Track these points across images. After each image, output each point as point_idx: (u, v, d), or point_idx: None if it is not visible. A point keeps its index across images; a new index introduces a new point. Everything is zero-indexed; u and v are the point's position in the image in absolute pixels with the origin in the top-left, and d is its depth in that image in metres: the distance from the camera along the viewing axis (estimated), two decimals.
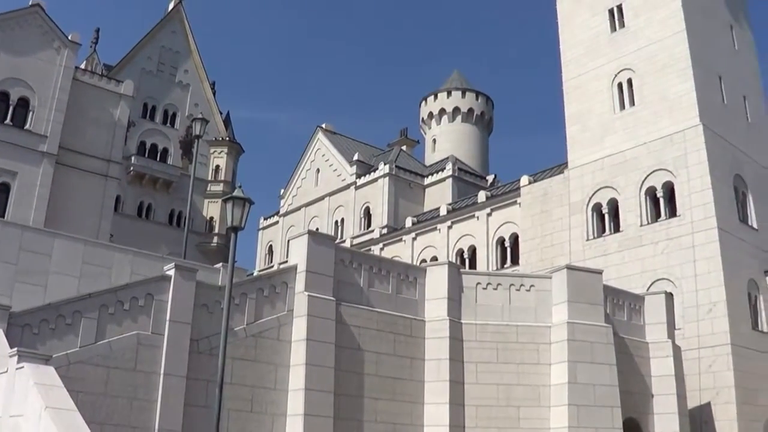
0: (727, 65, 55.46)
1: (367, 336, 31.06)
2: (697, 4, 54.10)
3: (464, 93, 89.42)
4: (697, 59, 51.52)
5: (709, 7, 55.77)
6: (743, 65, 58.12)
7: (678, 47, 51.87)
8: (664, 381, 38.26)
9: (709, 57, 53.28)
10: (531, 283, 35.36)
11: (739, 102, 55.61)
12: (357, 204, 75.26)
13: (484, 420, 32.58)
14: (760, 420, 46.07)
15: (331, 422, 28.62)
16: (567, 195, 54.66)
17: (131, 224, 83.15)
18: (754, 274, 49.51)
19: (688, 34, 51.74)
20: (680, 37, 51.96)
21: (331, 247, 31.40)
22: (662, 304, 39.85)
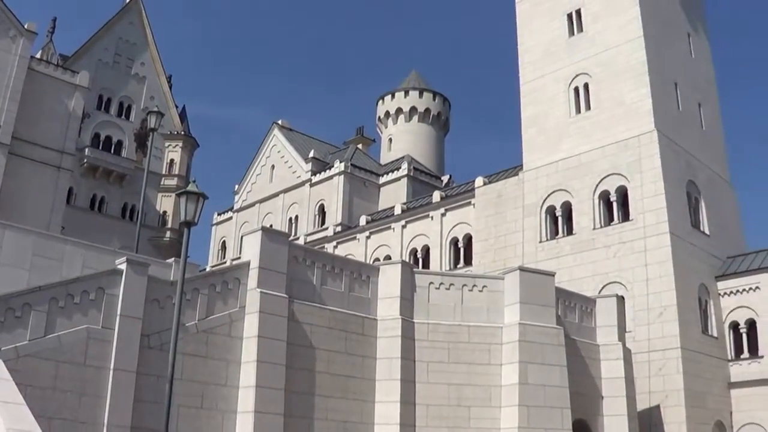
0: (684, 72, 55.97)
1: (319, 334, 31.04)
2: (656, 11, 54.53)
3: (421, 93, 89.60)
4: (653, 66, 51.95)
5: (668, 15, 56.24)
6: (699, 73, 58.67)
7: (635, 53, 52.24)
8: (614, 383, 38.56)
9: (665, 64, 53.73)
10: (483, 284, 35.50)
11: (694, 109, 56.13)
12: (311, 201, 75.10)
13: (435, 419, 32.67)
14: (709, 423, 46.57)
15: (281, 420, 28.58)
16: (521, 197, 54.87)
17: (83, 217, 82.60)
18: (705, 279, 50.02)
19: (645, 40, 52.13)
20: (638, 43, 52.34)
21: (285, 244, 31.35)
22: (613, 307, 40.18)
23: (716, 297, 50.79)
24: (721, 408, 48.19)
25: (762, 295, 49.75)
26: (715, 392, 47.90)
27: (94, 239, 39.82)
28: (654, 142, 49.35)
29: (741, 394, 49.14)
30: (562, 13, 57.34)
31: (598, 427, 37.73)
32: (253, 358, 28.62)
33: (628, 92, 51.67)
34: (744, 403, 48.82)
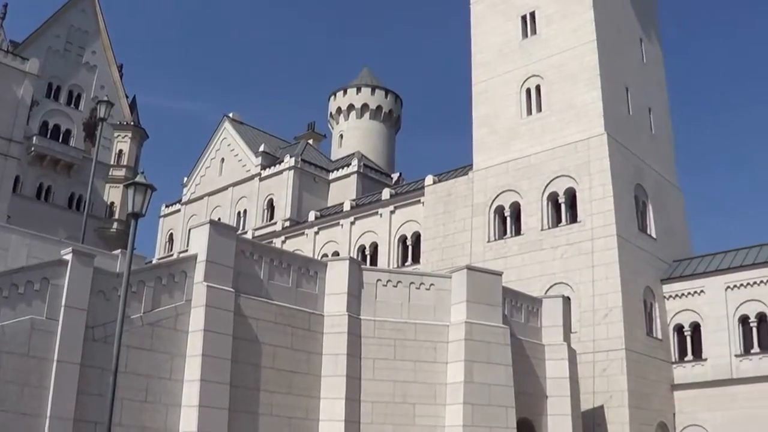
0: (635, 77, 56.42)
1: (265, 329, 30.96)
2: (609, 16, 54.92)
3: (374, 90, 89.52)
4: (605, 70, 52.31)
5: (621, 20, 56.66)
6: (650, 78, 59.18)
7: (587, 57, 52.58)
8: (558, 383, 38.89)
9: (617, 68, 54.13)
10: (431, 282, 35.60)
11: (644, 114, 56.61)
12: (261, 195, 74.76)
13: (380, 416, 32.71)
14: (652, 424, 47.05)
15: (226, 414, 28.45)
16: (470, 196, 55.01)
17: (29, 206, 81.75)
18: (651, 282, 50.49)
19: (598, 44, 52.49)
20: (590, 47, 52.68)
21: (233, 238, 31.20)
22: (559, 308, 40.50)
23: (661, 300, 51.30)
24: (664, 409, 48.70)
25: (706, 298, 50.32)
26: (658, 393, 48.40)
27: (40, 229, 39.45)
28: (603, 145, 49.69)
29: (684, 395, 49.70)
30: (516, 15, 57.52)
31: (542, 426, 38.03)
32: (198, 352, 28.47)
33: (580, 95, 51.99)
34: (687, 404, 49.39)
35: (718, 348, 49.44)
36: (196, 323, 28.99)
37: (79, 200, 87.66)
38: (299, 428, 31.27)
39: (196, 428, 27.53)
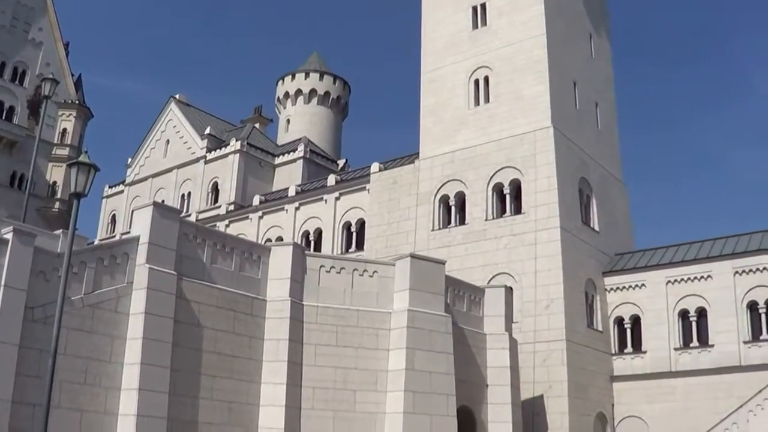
0: (583, 72, 56.82)
1: (207, 312, 30.80)
2: (559, 10, 55.22)
3: (322, 76, 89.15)
4: (554, 63, 52.61)
5: (571, 14, 57.00)
6: (598, 73, 59.63)
7: (536, 50, 52.85)
8: (499, 372, 39.18)
9: (566, 62, 54.47)
10: (374, 269, 35.65)
11: (591, 108, 57.05)
12: (205, 178, 74.24)
13: (321, 402, 32.72)
14: (591, 414, 47.57)
15: (166, 398, 28.28)
16: (416, 185, 55.11)
17: None
18: (593, 275, 50.97)
19: (547, 38, 52.79)
20: (540, 40, 52.95)
21: (176, 221, 30.98)
22: (501, 298, 40.77)
23: (603, 292, 51.83)
24: (603, 400, 49.26)
25: (647, 292, 50.93)
26: (597, 384, 48.93)
27: None
28: (550, 138, 50.01)
29: (623, 387, 50.32)
30: (467, 5, 57.62)
31: (482, 414, 38.30)
32: (139, 335, 28.25)
33: (528, 88, 52.26)
34: (625, 396, 50.03)
35: (658, 341, 50.09)
36: (137, 306, 28.75)
37: (21, 179, 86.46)
38: (240, 413, 31.17)
39: (136, 411, 27.34)
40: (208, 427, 30.02)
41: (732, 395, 45.77)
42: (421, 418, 33.39)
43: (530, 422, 44.42)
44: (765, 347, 47.30)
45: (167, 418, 28.16)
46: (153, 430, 27.66)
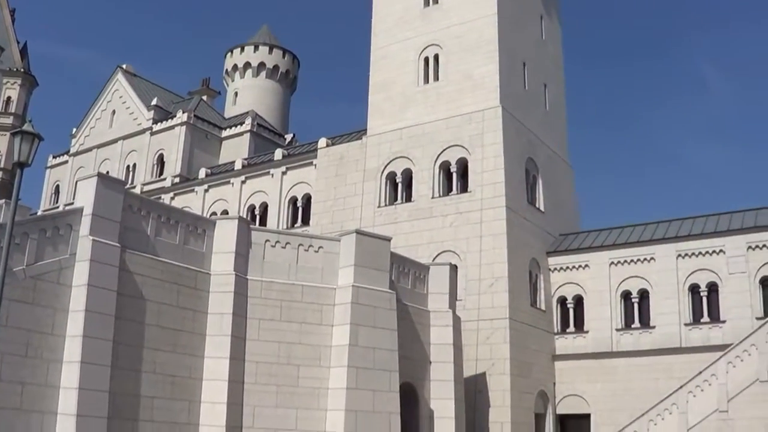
0: (533, 53, 57.04)
1: (150, 285, 30.56)
2: None
3: (271, 49, 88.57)
4: (504, 44, 52.73)
5: None
6: (548, 55, 59.89)
7: (487, 30, 52.89)
8: (442, 349, 39.39)
9: (516, 43, 54.63)
10: (320, 245, 35.62)
11: (540, 89, 57.30)
12: (151, 150, 73.58)
13: (264, 377, 32.68)
14: (532, 392, 48.05)
15: (108, 371, 28.04)
16: (363, 161, 55.07)
17: None
18: (537, 254, 51.33)
19: (498, 18, 52.88)
20: (491, 20, 52.99)
21: (120, 192, 30.66)
22: (446, 275, 40.94)
23: (547, 272, 52.23)
24: (545, 378, 49.73)
25: (590, 273, 51.43)
26: (540, 363, 49.37)
27: None
28: (498, 117, 50.18)
29: (565, 366, 50.84)
30: None
31: (425, 391, 38.52)
32: (81, 307, 27.96)
33: (477, 67, 52.32)
34: (567, 375, 50.56)
35: (600, 321, 50.64)
36: (80, 278, 28.44)
37: None
38: (182, 387, 31.04)
39: (78, 384, 27.09)
40: (151, 400, 29.85)
41: (672, 376, 46.38)
42: (364, 393, 33.49)
43: (472, 399, 44.73)
44: (705, 330, 47.98)
45: (109, 392, 27.95)
46: (95, 404, 27.43)
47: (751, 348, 42.50)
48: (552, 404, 50.49)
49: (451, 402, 39.00)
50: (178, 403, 30.78)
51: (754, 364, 42.21)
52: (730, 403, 42.25)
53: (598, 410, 49.41)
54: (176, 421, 30.62)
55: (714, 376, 43.01)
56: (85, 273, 28.33)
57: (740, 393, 42.18)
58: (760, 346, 42.24)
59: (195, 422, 31.25)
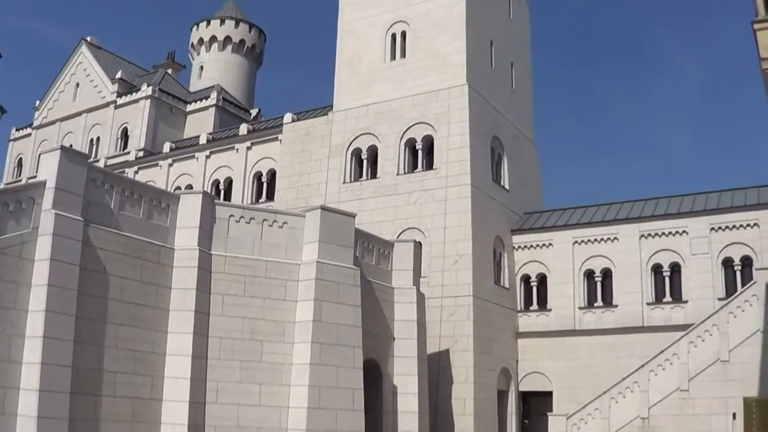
0: (500, 32, 57.06)
1: (113, 260, 30.39)
2: None
3: (238, 23, 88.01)
4: (471, 22, 52.71)
5: None
6: (515, 34, 59.96)
7: (455, 7, 52.84)
8: (406, 325, 39.51)
9: (483, 21, 54.61)
10: (284, 220, 35.55)
11: (506, 68, 57.37)
12: (115, 124, 73.13)
13: (228, 352, 32.65)
14: (495, 369, 48.35)
15: (70, 346, 27.89)
16: (329, 137, 54.97)
17: None
18: (501, 232, 51.53)
19: None
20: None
21: (84, 166, 30.41)
22: (410, 252, 41.00)
23: (511, 250, 52.48)
24: (507, 356, 50.04)
25: (554, 251, 51.74)
26: (503, 340, 49.65)
27: None
28: (464, 95, 50.22)
29: (528, 344, 51.19)
30: None
31: (389, 367, 38.64)
32: (44, 282, 27.75)
33: (444, 45, 52.29)
34: (529, 352, 50.92)
35: (563, 300, 50.98)
36: (42, 252, 28.22)
37: None
38: (145, 362, 30.95)
39: (40, 360, 26.92)
40: (114, 375, 29.74)
41: (634, 355, 46.81)
42: (327, 369, 33.55)
43: (435, 375, 44.92)
44: (667, 309, 48.43)
45: (72, 367, 27.83)
46: (57, 379, 27.30)
47: (712, 328, 42.91)
48: (515, 381, 50.82)
49: (414, 378, 39.15)
50: (141, 378, 30.70)
51: (715, 344, 42.64)
52: (691, 383, 42.68)
53: (561, 388, 49.81)
54: (139, 396, 30.56)
55: (675, 355, 43.40)
56: (47, 247, 28.13)
57: (701, 373, 42.62)
58: (721, 327, 42.64)
59: (158, 397, 31.20)
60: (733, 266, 47.67)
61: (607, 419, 44.11)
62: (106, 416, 29.22)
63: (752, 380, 41.64)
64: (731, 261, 47.66)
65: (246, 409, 32.67)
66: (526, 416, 51.86)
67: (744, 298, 42.80)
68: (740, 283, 46.54)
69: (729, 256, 47.58)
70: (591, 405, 44.81)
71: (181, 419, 31.03)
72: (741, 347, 42.11)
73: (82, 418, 28.21)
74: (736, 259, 47.47)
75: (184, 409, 31.09)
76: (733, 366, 42.06)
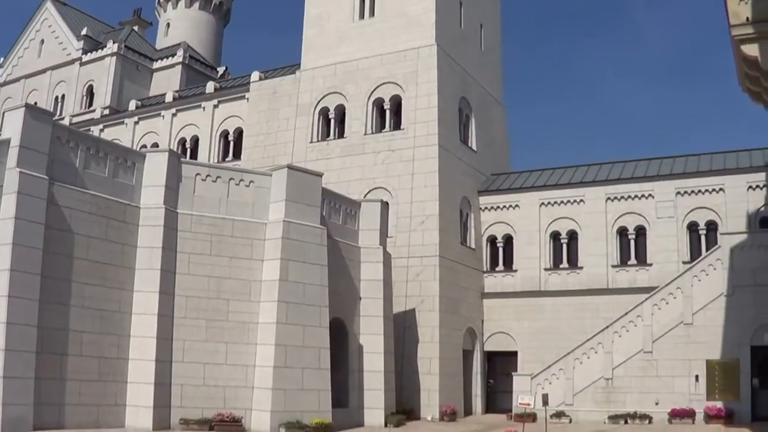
0: None
1: (79, 219, 30.27)
2: None
3: None
4: None
5: None
6: None
7: None
8: (372, 285, 39.77)
9: None
10: (251, 179, 35.56)
11: (476, 29, 57.13)
12: (80, 81, 72.45)
13: (194, 311, 32.74)
14: (461, 329, 48.59)
15: (36, 305, 27.81)
16: (296, 96, 54.67)
17: None
18: (468, 193, 51.59)
19: None
20: None
21: (49, 124, 30.19)
22: (377, 212, 41.16)
23: (477, 211, 52.56)
24: (473, 316, 50.32)
25: (520, 213, 51.91)
26: (468, 301, 49.88)
27: None
28: (433, 56, 50.03)
29: (493, 304, 51.45)
30: None
31: (355, 326, 38.90)
32: (8, 241, 27.60)
33: (413, 4, 51.90)
34: (495, 312, 51.22)
35: (529, 261, 51.23)
36: (6, 211, 28.03)
37: None
38: (111, 320, 30.94)
39: (5, 319, 26.83)
40: (80, 335, 29.72)
41: (598, 316, 47.24)
42: (293, 328, 33.71)
43: (401, 335, 45.13)
44: (632, 272, 48.77)
45: (38, 326, 27.77)
46: (23, 338, 27.24)
47: (676, 291, 43.41)
48: (480, 341, 51.11)
49: (380, 337, 39.39)
50: (107, 338, 30.70)
51: (679, 307, 43.15)
52: (655, 344, 43.22)
53: (525, 348, 50.14)
54: (105, 356, 30.57)
55: (639, 317, 43.88)
56: (12, 206, 27.96)
57: (664, 335, 43.16)
58: (685, 290, 43.14)
59: (124, 356, 31.25)
60: (698, 230, 48.02)
61: (571, 379, 44.60)
62: (72, 375, 29.25)
63: (715, 343, 42.25)
64: (696, 225, 47.99)
65: (212, 367, 32.79)
66: (491, 376, 52.23)
67: (708, 262, 43.30)
68: (705, 247, 46.91)
69: (694, 221, 47.90)
70: (555, 365, 45.27)
71: (147, 378, 31.12)
72: (704, 310, 42.66)
73: (48, 377, 28.23)
74: (701, 223, 47.79)
75: (151, 367, 31.19)
76: (697, 329, 42.61)
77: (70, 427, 28.54)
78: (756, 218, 46.40)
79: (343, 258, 38.75)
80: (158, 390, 31.21)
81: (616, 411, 43.04)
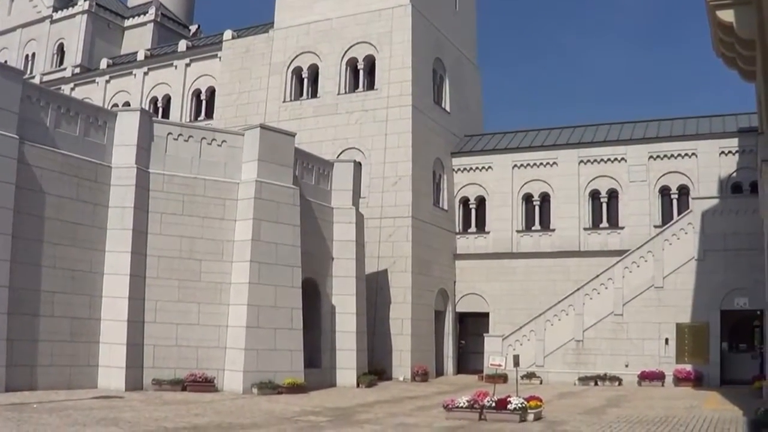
0: None
1: (49, 179, 30.00)
2: None
3: None
4: None
5: None
6: None
7: None
8: (345, 245, 39.81)
9: None
10: (223, 139, 35.40)
11: None
12: (51, 39, 71.68)
13: (166, 271, 32.63)
14: (433, 290, 48.78)
15: (7, 266, 27.62)
16: (269, 55, 54.34)
17: None
18: (441, 154, 51.57)
19: None
20: None
21: (19, 82, 29.80)
22: (350, 172, 41.13)
23: (450, 172, 52.61)
24: (445, 277, 50.47)
25: (493, 175, 51.99)
26: (441, 262, 50.03)
27: None
28: (407, 15, 49.78)
29: (465, 265, 51.62)
30: None
31: (327, 287, 38.99)
32: None
33: None
34: (467, 274, 51.41)
35: (501, 223, 51.41)
36: None
37: None
38: (83, 281, 30.78)
39: None
40: (51, 295, 29.56)
41: (570, 279, 47.60)
42: (266, 288, 33.70)
43: (374, 295, 45.26)
44: (603, 234, 49.06)
45: (9, 287, 27.59)
46: None
47: (647, 255, 43.76)
48: (452, 302, 51.32)
49: (352, 298, 39.50)
50: (79, 298, 30.56)
51: (650, 270, 43.53)
52: (625, 307, 43.62)
53: (497, 309, 50.42)
54: (77, 316, 30.45)
55: (611, 280, 44.21)
56: None
57: (635, 298, 43.57)
58: (656, 254, 43.49)
59: (96, 317, 31.14)
60: (670, 194, 48.31)
61: (542, 341, 44.93)
62: (44, 336, 29.13)
63: (685, 307, 42.69)
64: (668, 189, 48.27)
65: (185, 327, 32.74)
66: (463, 337, 52.57)
67: (680, 227, 43.66)
68: (676, 211, 47.29)
69: (666, 185, 48.20)
70: (527, 327, 45.59)
71: (119, 338, 31.05)
72: (675, 274, 43.07)
73: (20, 338, 28.09)
74: (673, 187, 48.07)
75: (123, 328, 31.11)
76: (667, 292, 43.01)
77: (43, 388, 28.44)
78: (728, 184, 46.73)
79: (316, 218, 38.72)
80: (130, 350, 31.15)
81: (586, 372, 43.49)
